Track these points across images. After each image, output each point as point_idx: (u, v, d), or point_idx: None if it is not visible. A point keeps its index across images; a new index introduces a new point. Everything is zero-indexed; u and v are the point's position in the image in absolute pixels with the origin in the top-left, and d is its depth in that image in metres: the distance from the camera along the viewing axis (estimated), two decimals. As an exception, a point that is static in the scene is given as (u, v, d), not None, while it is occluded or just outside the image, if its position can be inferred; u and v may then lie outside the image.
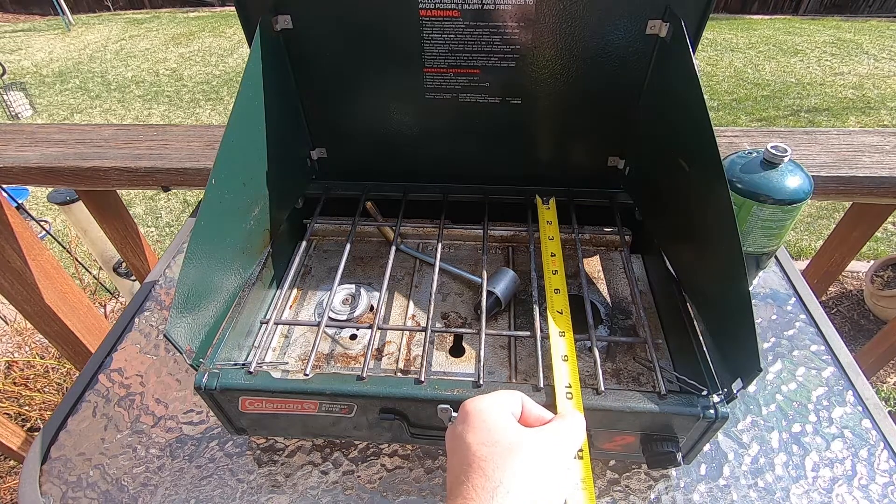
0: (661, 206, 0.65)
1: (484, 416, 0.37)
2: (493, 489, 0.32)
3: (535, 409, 0.41)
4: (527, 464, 0.34)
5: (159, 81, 4.73)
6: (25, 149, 0.95)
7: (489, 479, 0.33)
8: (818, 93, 4.09)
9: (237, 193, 0.56)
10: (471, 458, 0.34)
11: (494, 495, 0.32)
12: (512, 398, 0.40)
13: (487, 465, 0.34)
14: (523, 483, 0.33)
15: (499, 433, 0.36)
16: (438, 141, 0.71)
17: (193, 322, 0.49)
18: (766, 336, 0.70)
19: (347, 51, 0.62)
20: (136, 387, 0.67)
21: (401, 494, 0.55)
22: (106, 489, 0.57)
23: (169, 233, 2.74)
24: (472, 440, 0.36)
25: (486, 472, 0.33)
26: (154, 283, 0.81)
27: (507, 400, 0.39)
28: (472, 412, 0.38)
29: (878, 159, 0.87)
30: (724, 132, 0.94)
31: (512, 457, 0.34)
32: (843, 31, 5.65)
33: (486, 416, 0.37)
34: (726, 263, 0.47)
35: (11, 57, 5.45)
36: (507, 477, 0.33)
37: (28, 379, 1.59)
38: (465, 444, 0.36)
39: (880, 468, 0.56)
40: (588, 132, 0.69)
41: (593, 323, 0.56)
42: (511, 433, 0.36)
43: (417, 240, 0.76)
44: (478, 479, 0.33)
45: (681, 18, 0.52)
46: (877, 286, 1.95)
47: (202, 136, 0.99)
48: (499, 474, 0.33)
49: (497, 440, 0.35)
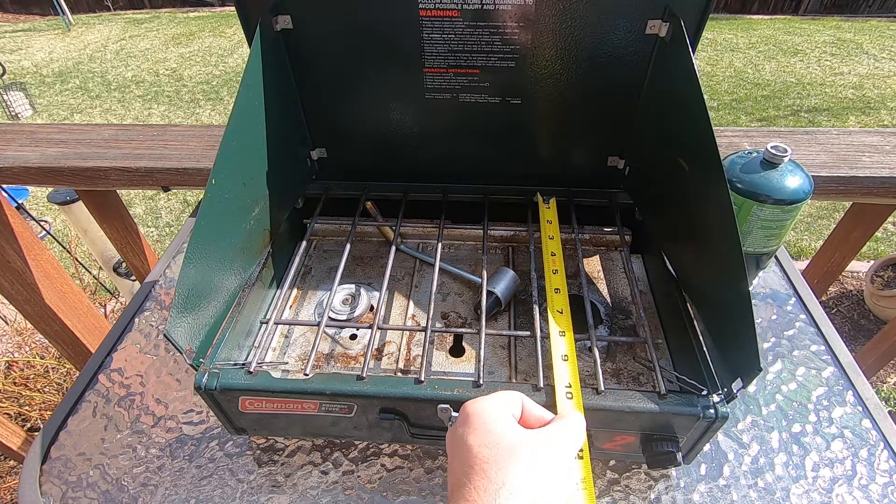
0: (661, 206, 0.65)
1: (485, 417, 0.37)
2: (495, 491, 0.32)
3: (536, 409, 0.41)
4: (529, 465, 0.34)
5: (159, 81, 4.73)
6: (25, 149, 0.95)
7: (491, 481, 0.33)
8: (818, 93, 4.09)
9: (237, 193, 0.56)
10: (472, 460, 0.34)
11: (497, 497, 0.32)
12: (512, 399, 0.40)
13: (489, 466, 0.34)
14: (525, 484, 0.33)
15: (500, 435, 0.36)
16: (438, 141, 0.71)
17: (193, 322, 0.49)
18: (766, 336, 0.70)
19: (347, 51, 0.62)
20: (136, 387, 0.67)
21: (401, 494, 0.55)
22: (106, 489, 0.57)
23: (169, 233, 2.74)
24: (473, 442, 0.36)
25: (489, 474, 0.33)
26: (154, 283, 0.81)
27: (508, 401, 0.39)
28: (473, 414, 0.38)
29: (878, 159, 0.87)
30: (724, 132, 0.94)
31: (514, 458, 0.34)
32: (843, 31, 5.65)
33: (486, 418, 0.37)
34: (726, 263, 0.47)
35: (11, 57, 5.45)
36: (509, 478, 0.33)
37: (28, 379, 1.59)
38: (467, 447, 0.36)
39: (880, 468, 0.56)
40: (588, 132, 0.69)
41: (593, 323, 0.56)
42: (512, 434, 0.36)
43: (417, 240, 0.76)
44: (480, 480, 0.33)
45: (680, 18, 0.52)
46: (877, 286, 1.95)
47: (202, 136, 0.99)
48: (501, 475, 0.33)
49: (498, 442, 0.35)
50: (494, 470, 0.33)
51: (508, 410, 0.39)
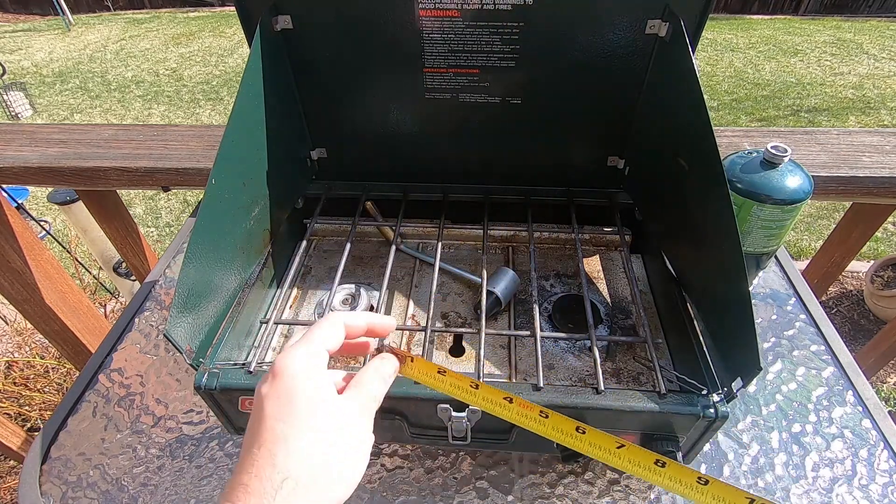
0: (661, 205, 0.65)
1: (291, 382, 0.32)
2: (280, 481, 0.29)
3: (358, 322, 0.38)
4: (320, 447, 0.31)
5: (159, 81, 4.73)
6: (25, 149, 0.95)
7: (276, 469, 0.29)
8: (818, 93, 4.09)
9: (237, 193, 0.56)
10: (264, 435, 0.31)
11: (280, 489, 0.29)
12: (328, 343, 0.36)
13: (278, 448, 0.30)
14: (312, 474, 0.30)
15: (301, 405, 0.32)
16: (438, 141, 0.71)
17: (193, 322, 0.49)
18: (766, 336, 0.70)
19: (347, 50, 0.62)
20: (136, 387, 0.67)
21: (401, 494, 0.55)
22: (106, 489, 0.57)
23: (169, 233, 2.74)
24: (269, 411, 0.32)
25: (275, 461, 0.30)
26: (154, 283, 0.81)
27: (320, 357, 0.35)
28: (280, 374, 0.33)
29: (878, 159, 0.87)
30: (724, 132, 0.94)
31: (306, 439, 0.31)
32: (843, 31, 5.65)
33: (293, 384, 0.32)
34: (726, 263, 0.47)
35: (11, 57, 5.45)
36: (293, 466, 0.30)
37: (28, 379, 1.59)
38: (263, 415, 0.32)
39: (880, 468, 0.56)
40: (588, 132, 0.69)
41: (593, 322, 0.56)
42: (313, 406, 0.32)
43: (417, 240, 0.76)
44: (265, 465, 0.30)
45: (680, 18, 0.52)
46: (877, 286, 1.95)
47: (202, 136, 0.99)
48: (289, 463, 0.30)
49: (296, 413, 0.31)
50: (283, 455, 0.30)
51: (320, 371, 0.34)
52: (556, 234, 0.74)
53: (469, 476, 0.56)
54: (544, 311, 0.64)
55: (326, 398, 0.33)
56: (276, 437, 0.30)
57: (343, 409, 0.34)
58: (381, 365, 0.38)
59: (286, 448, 0.30)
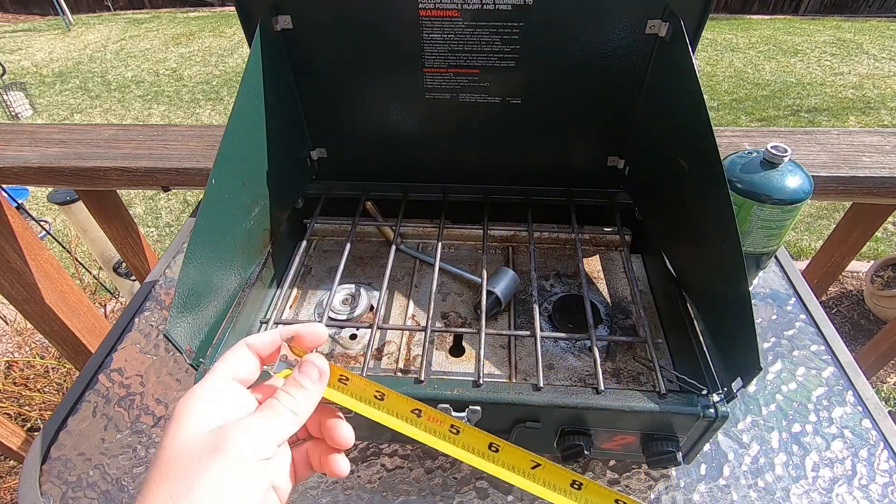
0: (661, 206, 0.65)
1: (184, 420, 0.30)
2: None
3: (261, 343, 0.35)
4: (216, 486, 0.28)
5: (159, 81, 4.73)
6: (25, 149, 0.95)
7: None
8: (818, 93, 4.09)
9: (237, 193, 0.56)
10: (159, 469, 0.29)
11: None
12: (234, 370, 0.33)
13: (175, 487, 0.28)
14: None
15: (179, 471, 0.29)
16: (438, 141, 0.71)
17: (193, 322, 0.49)
18: (766, 336, 0.70)
19: (347, 50, 0.63)
20: (136, 387, 0.67)
21: (400, 494, 0.55)
22: (106, 489, 0.57)
23: (169, 233, 2.74)
24: (167, 444, 0.29)
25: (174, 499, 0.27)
26: (154, 283, 0.81)
27: (224, 391, 0.32)
28: (176, 413, 0.31)
29: (878, 159, 0.87)
30: (724, 132, 0.94)
31: (199, 477, 0.28)
32: (843, 31, 5.65)
33: (185, 421, 0.30)
34: (726, 263, 0.47)
35: (11, 57, 5.45)
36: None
37: (28, 379, 1.59)
38: (160, 448, 0.30)
39: (880, 468, 0.56)
40: (588, 132, 0.69)
41: (593, 322, 0.56)
42: (210, 441, 0.29)
43: (417, 240, 0.76)
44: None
45: (680, 18, 0.52)
46: (877, 286, 1.95)
47: (202, 136, 0.99)
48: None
49: (174, 476, 0.28)
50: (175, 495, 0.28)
51: (218, 408, 0.31)
52: (556, 234, 0.74)
53: (469, 476, 0.56)
54: (544, 311, 0.64)
55: (213, 453, 0.29)
56: (169, 474, 0.28)
57: (231, 468, 0.29)
58: (296, 393, 0.33)
59: (179, 489, 0.28)
